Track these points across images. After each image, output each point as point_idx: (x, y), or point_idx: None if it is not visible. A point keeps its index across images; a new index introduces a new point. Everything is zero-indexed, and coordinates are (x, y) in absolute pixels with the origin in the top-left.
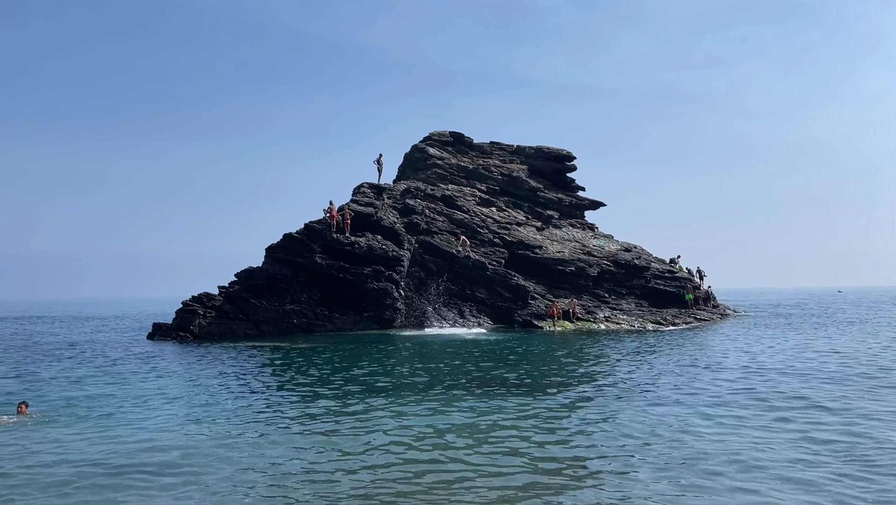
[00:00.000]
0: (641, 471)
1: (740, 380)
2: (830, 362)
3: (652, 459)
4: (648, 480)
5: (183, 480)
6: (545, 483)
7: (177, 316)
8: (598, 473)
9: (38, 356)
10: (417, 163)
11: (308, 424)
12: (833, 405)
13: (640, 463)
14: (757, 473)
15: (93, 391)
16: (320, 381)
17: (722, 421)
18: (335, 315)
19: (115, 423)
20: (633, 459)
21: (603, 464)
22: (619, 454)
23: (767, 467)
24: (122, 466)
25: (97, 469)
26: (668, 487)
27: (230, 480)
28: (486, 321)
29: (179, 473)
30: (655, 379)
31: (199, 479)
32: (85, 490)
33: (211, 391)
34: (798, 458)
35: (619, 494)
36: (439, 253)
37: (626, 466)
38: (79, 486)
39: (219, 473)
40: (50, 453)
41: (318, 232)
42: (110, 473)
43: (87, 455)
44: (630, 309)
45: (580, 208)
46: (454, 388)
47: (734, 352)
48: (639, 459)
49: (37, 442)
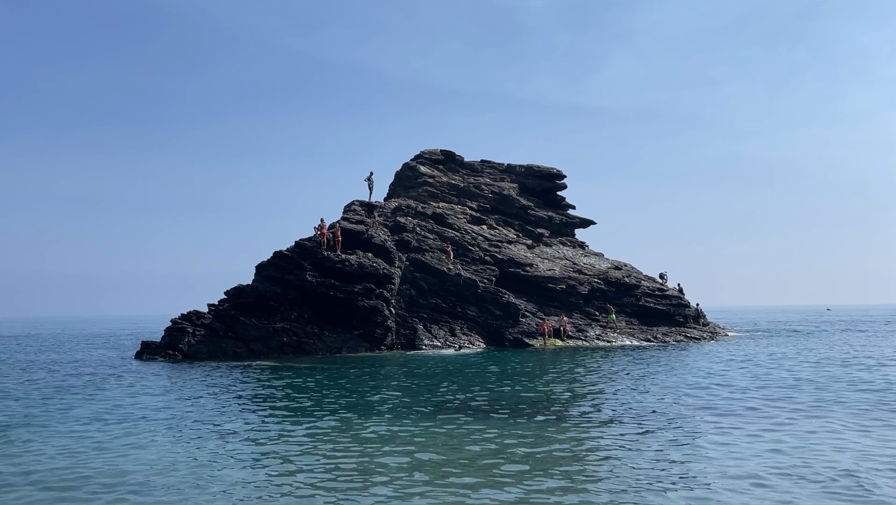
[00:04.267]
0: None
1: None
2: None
3: (634, 483)
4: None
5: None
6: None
7: (166, 334)
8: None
9: (16, 373)
10: (408, 181)
11: (280, 447)
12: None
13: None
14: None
15: (65, 409)
16: (308, 404)
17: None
18: (325, 333)
19: (79, 444)
20: (621, 485)
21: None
22: (610, 480)
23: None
24: (76, 486)
25: (49, 491)
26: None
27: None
28: (476, 339)
29: (140, 493)
30: (642, 401)
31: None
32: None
33: (184, 413)
34: (750, 471)
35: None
36: (430, 271)
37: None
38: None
39: (187, 496)
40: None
41: (308, 250)
42: (62, 489)
43: (43, 475)
44: (621, 327)
45: (570, 226)
46: (442, 410)
47: (724, 368)
48: (627, 485)
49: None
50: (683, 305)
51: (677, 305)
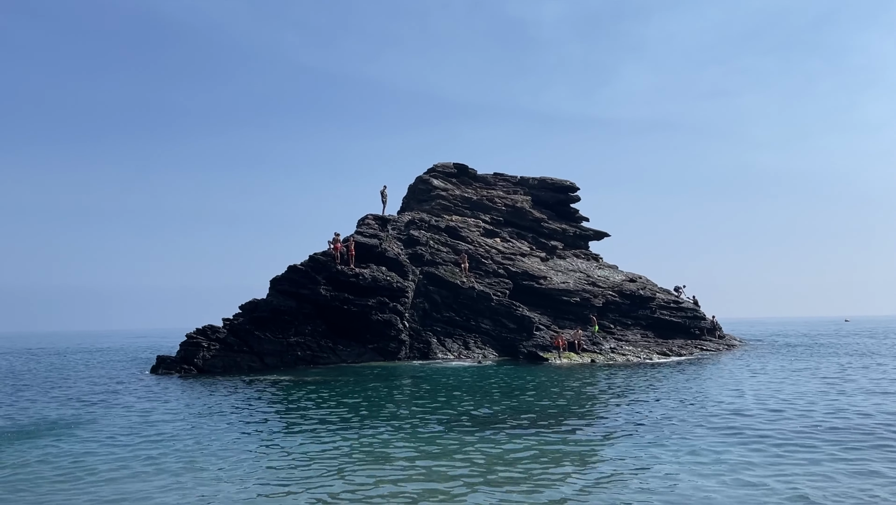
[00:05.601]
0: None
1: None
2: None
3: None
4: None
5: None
6: None
7: (181, 349)
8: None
9: (34, 388)
10: (422, 194)
11: (296, 460)
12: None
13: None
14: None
15: (81, 424)
16: (322, 415)
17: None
18: (339, 347)
19: (94, 459)
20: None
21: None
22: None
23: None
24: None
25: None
26: None
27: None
28: (490, 353)
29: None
30: (658, 416)
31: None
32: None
33: (197, 426)
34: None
35: None
36: (444, 284)
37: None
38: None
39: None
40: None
41: (322, 264)
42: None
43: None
44: (636, 340)
45: (584, 239)
46: (454, 423)
47: (737, 386)
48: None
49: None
50: (699, 318)
51: (693, 317)
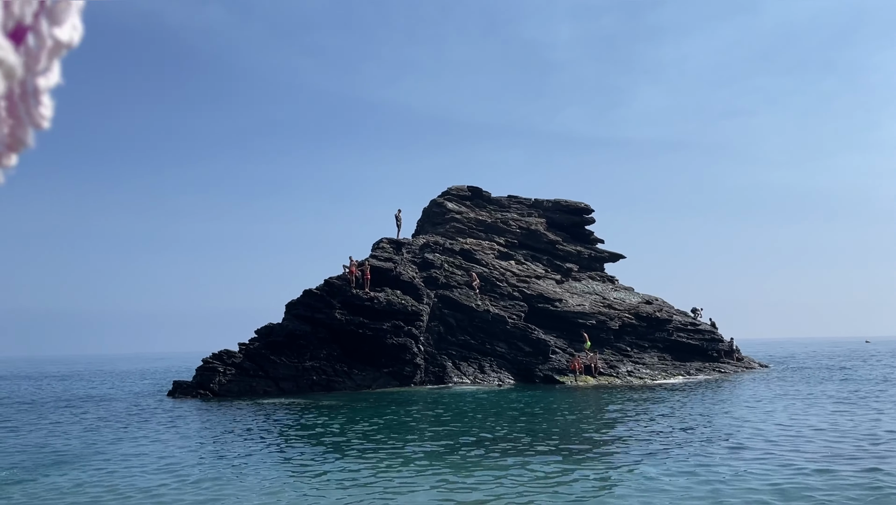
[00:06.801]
0: None
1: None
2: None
3: None
4: None
5: None
6: None
7: (197, 374)
8: None
9: (57, 413)
10: (436, 217)
11: (319, 485)
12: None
13: None
14: None
15: (101, 446)
16: (337, 441)
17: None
18: (354, 371)
19: (119, 484)
20: None
21: None
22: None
23: None
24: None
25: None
26: None
27: None
28: (506, 376)
29: None
30: (680, 441)
31: None
32: None
33: (219, 451)
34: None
35: None
36: (459, 307)
37: None
38: None
39: None
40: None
41: (337, 288)
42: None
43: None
44: (653, 363)
45: (599, 261)
46: (472, 449)
47: (757, 412)
48: None
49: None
50: (717, 340)
51: (710, 339)
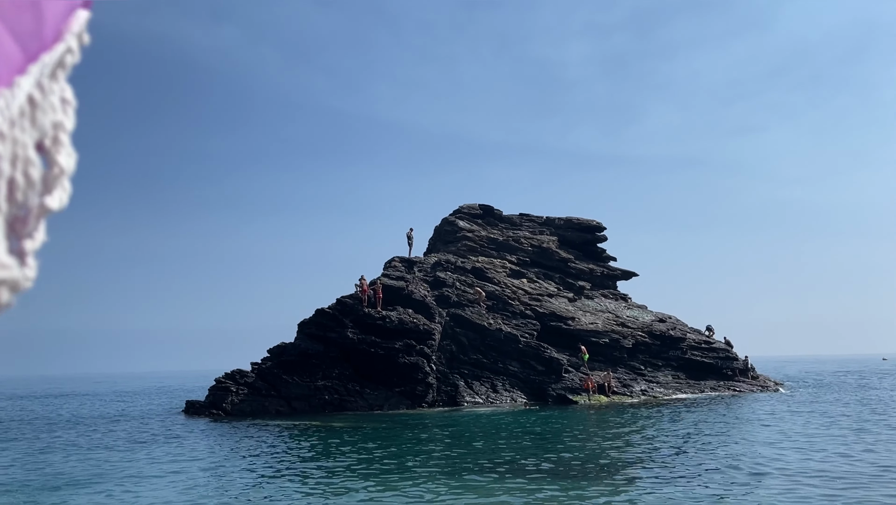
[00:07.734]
0: None
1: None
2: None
3: None
4: None
5: None
6: None
7: (210, 393)
8: None
9: (70, 432)
10: (447, 236)
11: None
12: None
13: None
14: None
15: (116, 466)
16: (348, 465)
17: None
18: (367, 391)
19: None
20: None
21: None
22: None
23: None
24: None
25: None
26: None
27: None
28: (519, 395)
29: None
30: (701, 462)
31: None
32: None
33: (228, 473)
34: None
35: None
36: (471, 326)
37: None
38: None
39: None
40: None
41: (349, 307)
42: None
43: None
44: (667, 381)
45: (612, 278)
46: (493, 473)
47: (773, 434)
48: None
49: None
50: (731, 358)
51: (725, 357)
